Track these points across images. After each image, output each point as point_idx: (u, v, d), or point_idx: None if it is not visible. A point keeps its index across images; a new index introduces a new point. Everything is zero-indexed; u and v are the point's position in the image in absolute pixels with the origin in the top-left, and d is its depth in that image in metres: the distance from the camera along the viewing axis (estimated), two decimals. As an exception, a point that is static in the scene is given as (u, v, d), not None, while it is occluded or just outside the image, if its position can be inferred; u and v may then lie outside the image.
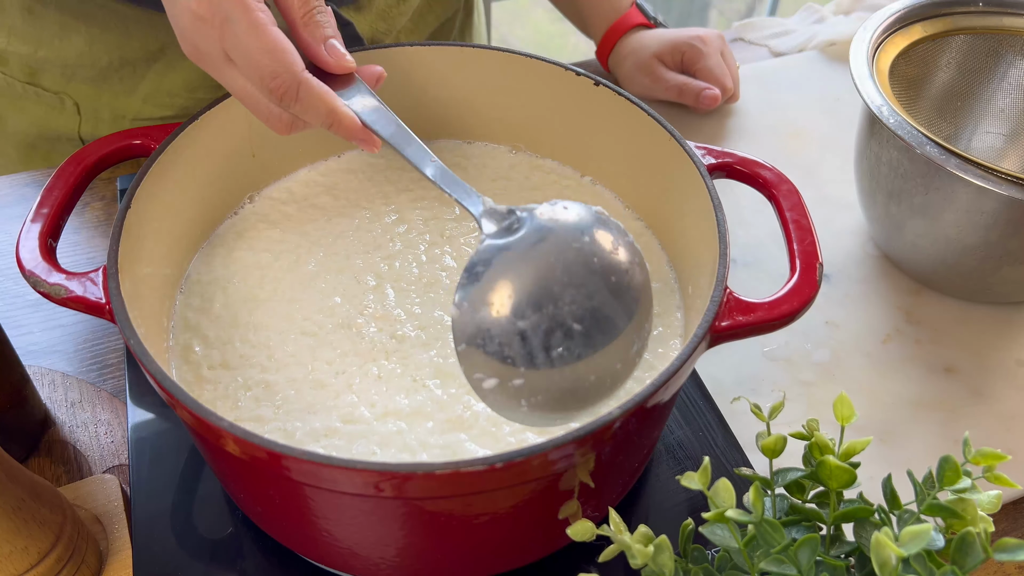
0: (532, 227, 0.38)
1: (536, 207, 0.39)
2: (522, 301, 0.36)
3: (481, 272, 0.37)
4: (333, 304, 0.48)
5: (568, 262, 0.37)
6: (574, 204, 0.40)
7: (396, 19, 0.72)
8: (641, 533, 0.34)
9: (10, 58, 0.66)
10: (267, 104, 0.41)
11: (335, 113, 0.40)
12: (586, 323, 0.37)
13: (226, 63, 0.41)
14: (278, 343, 0.46)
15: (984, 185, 0.50)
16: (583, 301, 0.37)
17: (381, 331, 0.47)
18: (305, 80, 0.39)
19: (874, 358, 0.58)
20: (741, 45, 0.89)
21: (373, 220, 0.53)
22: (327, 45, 0.42)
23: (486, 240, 0.38)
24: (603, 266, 0.38)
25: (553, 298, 0.37)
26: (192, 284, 0.49)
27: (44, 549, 0.39)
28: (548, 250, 0.37)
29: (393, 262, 0.50)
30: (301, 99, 0.40)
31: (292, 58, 0.39)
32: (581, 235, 0.38)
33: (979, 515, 0.33)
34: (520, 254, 0.37)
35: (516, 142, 0.58)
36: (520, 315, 0.36)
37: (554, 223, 0.38)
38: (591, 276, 0.37)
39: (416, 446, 0.41)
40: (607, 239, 0.38)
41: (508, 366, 0.37)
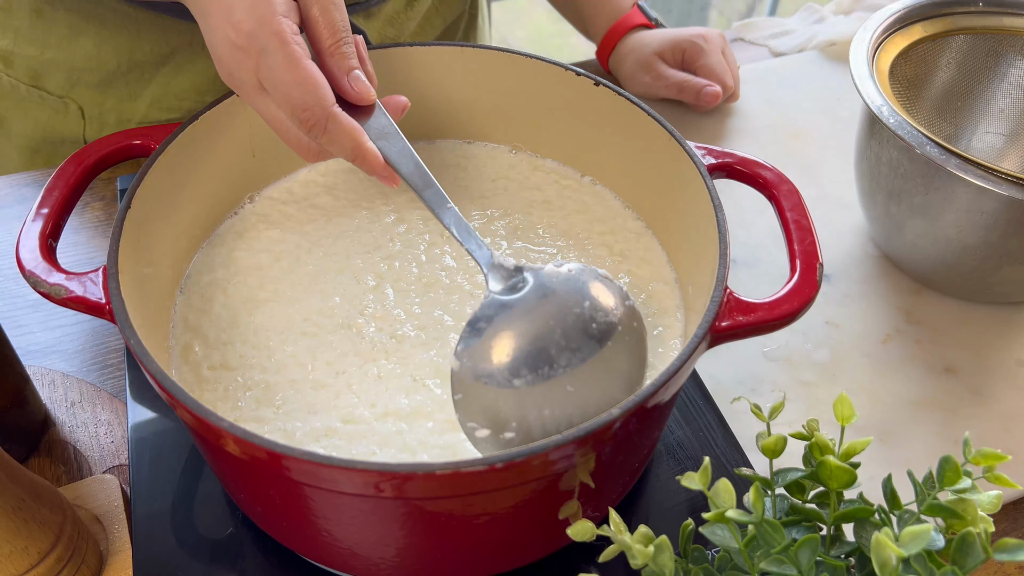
0: (536, 288, 0.41)
1: (542, 268, 0.42)
2: (519, 360, 0.39)
3: (483, 328, 0.39)
4: (333, 304, 0.48)
5: (567, 327, 0.39)
6: (579, 267, 0.42)
7: (404, 24, 0.72)
8: (641, 533, 0.34)
9: (15, 60, 0.66)
10: (297, 133, 0.43)
11: (360, 149, 0.41)
12: (579, 386, 0.39)
13: (259, 92, 0.42)
14: (278, 344, 0.46)
15: (984, 185, 0.50)
16: (578, 364, 0.39)
17: (381, 331, 0.47)
18: (335, 115, 0.41)
19: (874, 358, 0.58)
20: (741, 45, 0.89)
21: (373, 220, 0.53)
22: (351, 76, 0.43)
23: (491, 296, 0.41)
24: (600, 332, 0.40)
25: (550, 360, 0.39)
26: (192, 284, 0.48)
27: (44, 549, 0.39)
28: (549, 313, 0.40)
29: (393, 262, 0.50)
30: (330, 132, 0.41)
31: (324, 92, 0.40)
32: (582, 300, 0.40)
33: (979, 515, 0.33)
34: (521, 314, 0.40)
35: (516, 142, 0.58)
36: (516, 374, 0.38)
37: (557, 285, 0.41)
38: (588, 341, 0.40)
39: (416, 446, 0.42)
40: (607, 305, 0.41)
41: (500, 420, 0.39)
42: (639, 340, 0.41)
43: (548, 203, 0.55)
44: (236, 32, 0.40)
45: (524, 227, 0.53)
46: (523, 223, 0.53)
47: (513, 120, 0.57)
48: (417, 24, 0.75)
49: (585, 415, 0.39)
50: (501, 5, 2.48)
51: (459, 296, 0.49)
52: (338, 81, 0.42)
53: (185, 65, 0.66)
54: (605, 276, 0.42)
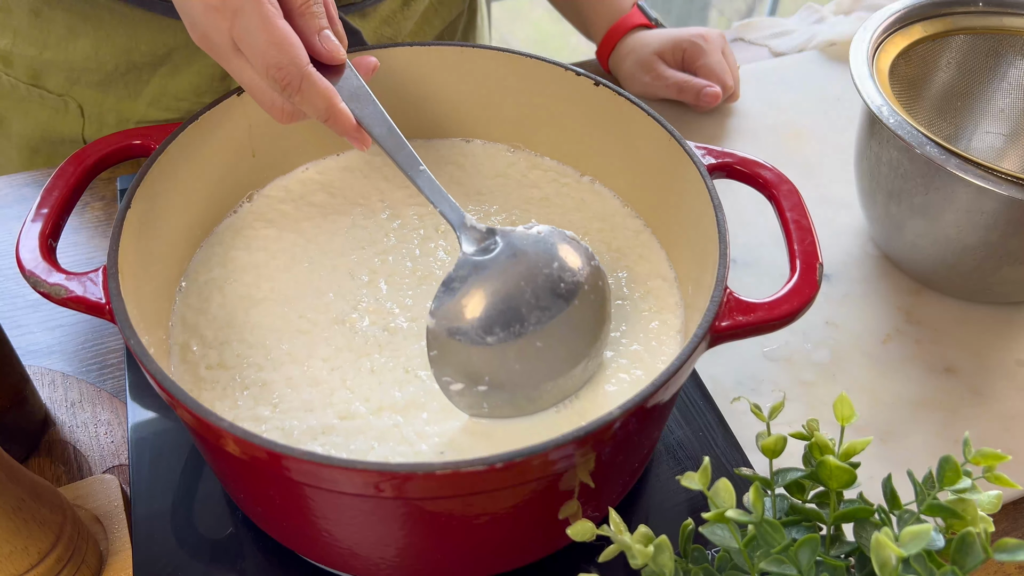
0: (507, 249, 0.42)
1: (513, 230, 0.43)
2: (491, 318, 0.40)
3: (456, 288, 0.41)
4: (327, 301, 0.48)
5: (537, 286, 0.41)
6: (548, 229, 0.43)
7: (401, 24, 0.72)
8: (641, 533, 0.34)
9: (15, 60, 0.66)
10: (271, 94, 0.43)
11: (333, 109, 0.42)
12: (547, 341, 0.41)
13: (234, 53, 0.42)
14: (274, 342, 0.46)
15: (984, 185, 0.50)
16: (547, 322, 0.41)
17: (374, 324, 0.47)
18: (308, 74, 0.41)
19: (874, 358, 0.58)
20: (741, 45, 0.89)
21: (368, 216, 0.53)
22: (321, 36, 0.43)
23: (464, 256, 0.42)
24: (568, 291, 0.42)
25: (520, 318, 0.41)
26: (190, 284, 0.49)
27: (44, 549, 0.39)
28: (520, 273, 0.42)
29: (387, 257, 0.51)
30: (303, 91, 0.41)
31: (298, 51, 0.41)
32: (551, 260, 0.42)
33: (979, 515, 0.33)
34: (494, 274, 0.41)
35: (516, 141, 0.58)
36: (488, 331, 0.40)
37: (528, 247, 0.42)
38: (556, 299, 0.42)
39: (414, 438, 0.42)
40: (575, 266, 0.43)
41: (474, 375, 0.41)
42: (603, 298, 0.44)
43: (546, 200, 0.55)
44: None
45: (521, 223, 0.53)
46: (520, 219, 0.53)
47: (513, 120, 0.57)
48: (415, 23, 0.74)
49: (552, 369, 0.42)
50: (501, 5, 2.48)
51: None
52: (309, 40, 0.43)
53: (182, 66, 0.66)
54: (572, 238, 0.44)
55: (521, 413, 0.43)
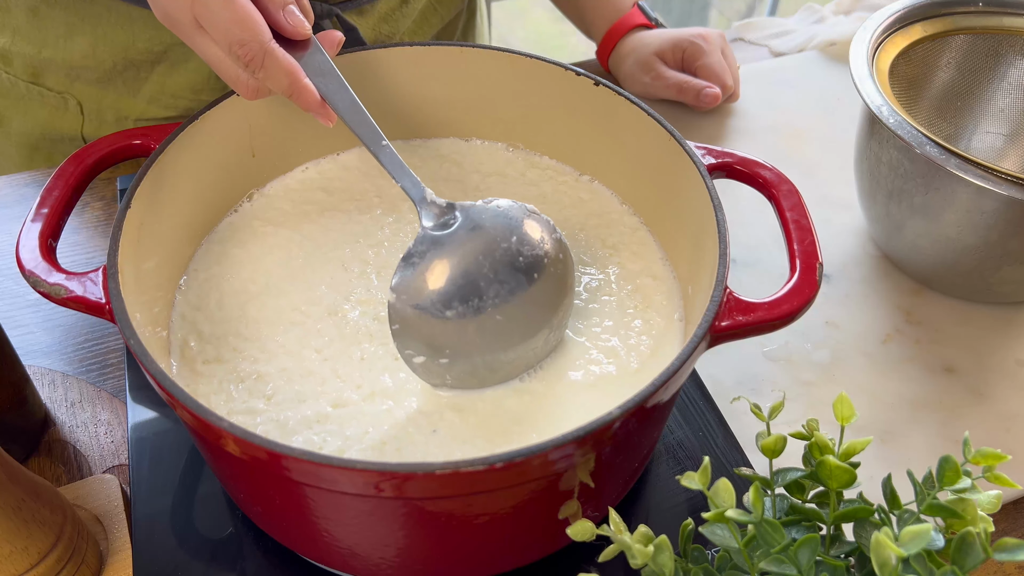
0: (466, 224, 0.43)
1: (473, 204, 0.43)
2: (450, 292, 0.41)
3: (416, 263, 0.41)
4: (320, 293, 0.48)
5: (495, 260, 0.42)
6: (508, 203, 0.44)
7: (399, 22, 0.72)
8: (641, 533, 0.34)
9: (14, 58, 0.66)
10: (235, 70, 0.43)
11: (296, 84, 0.43)
12: (507, 314, 0.42)
13: (197, 30, 0.42)
14: (269, 334, 0.46)
15: (984, 185, 0.50)
16: (506, 296, 0.42)
17: (364, 315, 0.47)
18: (271, 50, 0.42)
19: (874, 358, 0.58)
20: (741, 45, 0.89)
21: (363, 212, 0.53)
22: (286, 11, 0.43)
23: (423, 231, 0.42)
24: (527, 264, 0.42)
25: (479, 292, 0.41)
26: (189, 282, 0.49)
27: (44, 549, 0.39)
28: (478, 247, 0.42)
29: (379, 249, 0.51)
30: (267, 67, 0.42)
31: (260, 27, 0.41)
32: (510, 234, 0.42)
33: (979, 515, 0.33)
34: (452, 249, 0.42)
35: (515, 141, 0.58)
36: (447, 305, 0.41)
37: (487, 221, 0.43)
38: (515, 273, 0.42)
39: (405, 420, 0.42)
40: (534, 239, 0.43)
41: (435, 347, 0.41)
42: (565, 270, 0.44)
43: (543, 197, 0.55)
44: None
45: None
46: None
47: (513, 120, 0.57)
48: (413, 22, 0.74)
49: (513, 341, 0.42)
50: (501, 5, 2.48)
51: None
52: (273, 16, 0.43)
53: (180, 63, 0.66)
54: (533, 211, 0.44)
55: (484, 384, 0.44)
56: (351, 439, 0.41)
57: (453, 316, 0.41)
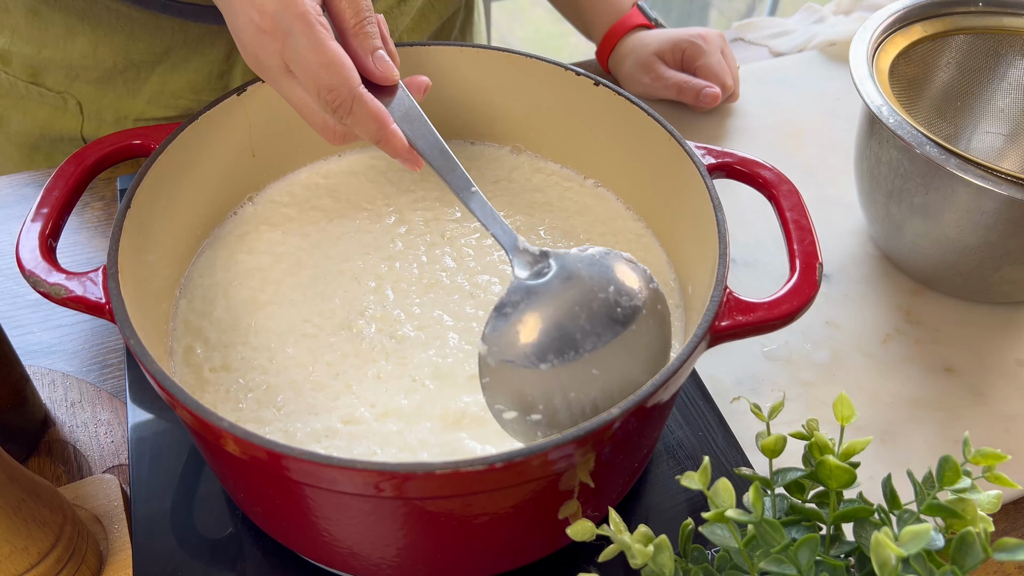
0: (561, 273, 0.41)
1: (567, 253, 0.42)
2: (545, 345, 0.39)
3: (509, 313, 0.40)
4: (333, 306, 0.48)
5: (592, 312, 0.40)
6: (602, 251, 0.42)
7: (398, 19, 0.72)
8: (641, 533, 0.34)
9: (13, 58, 0.66)
10: (323, 115, 0.43)
11: (384, 131, 0.42)
12: (604, 369, 0.39)
13: (286, 75, 0.42)
14: (279, 345, 0.46)
15: (984, 185, 0.50)
16: (603, 348, 0.39)
17: (380, 332, 0.47)
18: (360, 95, 0.41)
19: (874, 358, 0.58)
20: (741, 45, 0.89)
21: (373, 221, 0.53)
22: (375, 56, 0.43)
23: (517, 281, 0.41)
24: (625, 316, 0.40)
25: (575, 345, 0.39)
26: (194, 287, 0.48)
27: (44, 549, 0.39)
28: (574, 298, 0.40)
29: (393, 263, 0.50)
30: (355, 113, 0.41)
31: (349, 73, 0.41)
32: (607, 285, 0.40)
33: (979, 515, 0.33)
34: (547, 300, 0.40)
35: (516, 142, 0.58)
36: (542, 358, 0.39)
37: (582, 270, 0.41)
38: (612, 325, 0.40)
39: (416, 445, 0.42)
40: (632, 289, 0.41)
41: (527, 403, 0.39)
42: (663, 322, 0.42)
43: (549, 205, 0.55)
44: (260, 15, 0.40)
45: (526, 228, 0.53)
46: (525, 224, 0.53)
47: (513, 120, 0.57)
48: (412, 20, 0.74)
49: (610, 397, 0.39)
50: (501, 5, 2.48)
51: (459, 296, 0.49)
52: (362, 61, 0.42)
53: (180, 64, 0.66)
54: (629, 259, 0.42)
55: None
56: (358, 457, 0.41)
57: (547, 368, 0.39)
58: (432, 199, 0.55)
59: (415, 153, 0.43)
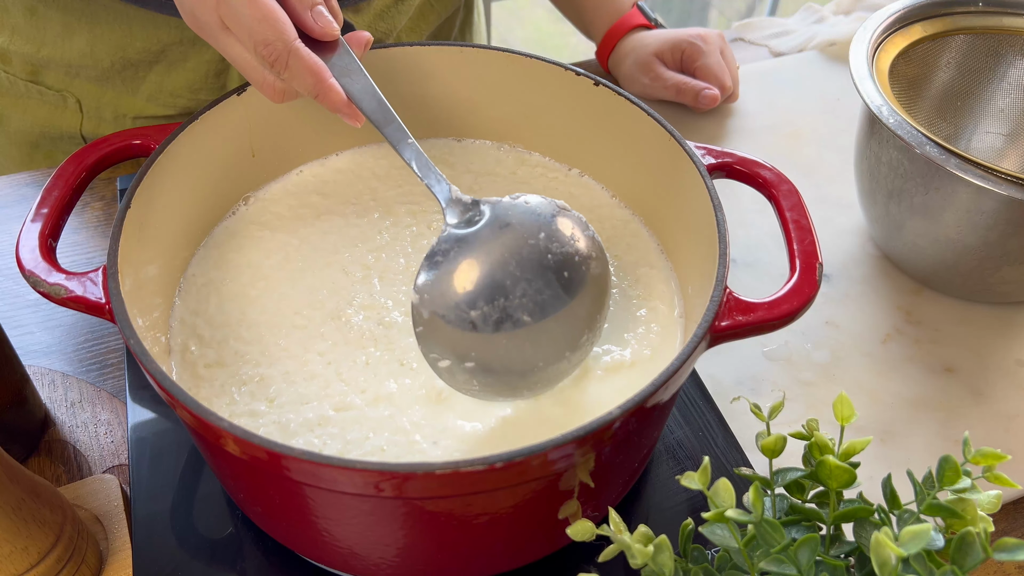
0: (491, 220, 0.41)
1: (499, 200, 0.41)
2: (475, 292, 0.39)
3: (439, 262, 0.40)
4: (322, 297, 0.48)
5: (522, 257, 0.39)
6: (536, 198, 0.41)
7: (396, 19, 0.72)
8: (641, 533, 0.34)
9: (13, 57, 0.66)
10: (261, 72, 0.43)
11: (321, 85, 0.42)
12: (536, 316, 0.39)
13: (223, 31, 0.42)
14: (271, 338, 0.46)
15: (984, 185, 0.50)
16: (534, 295, 0.39)
17: (368, 319, 0.47)
18: (296, 49, 0.41)
19: (874, 358, 0.58)
20: (741, 45, 0.89)
21: (360, 216, 0.53)
22: (314, 11, 0.43)
23: (447, 230, 0.41)
24: (557, 262, 0.40)
25: (505, 291, 0.39)
26: (188, 287, 0.49)
27: (44, 549, 0.39)
28: (504, 244, 0.40)
29: (380, 254, 0.51)
30: (292, 67, 0.41)
31: (285, 27, 0.41)
32: (538, 231, 0.40)
33: (979, 515, 0.33)
34: (477, 247, 0.40)
35: (515, 142, 0.58)
36: (472, 305, 0.39)
37: (513, 217, 0.40)
38: (544, 271, 0.40)
39: (409, 427, 0.42)
40: (564, 235, 0.40)
41: (460, 351, 0.39)
42: (600, 271, 0.41)
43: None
44: None
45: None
46: None
47: (513, 120, 0.57)
48: (410, 19, 0.74)
49: (543, 346, 0.40)
50: (501, 5, 2.48)
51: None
52: (300, 16, 0.43)
53: (177, 63, 0.66)
54: (563, 206, 0.42)
55: (516, 394, 0.42)
56: (352, 443, 0.41)
57: (478, 317, 0.39)
58: (418, 193, 0.55)
59: (354, 107, 0.43)
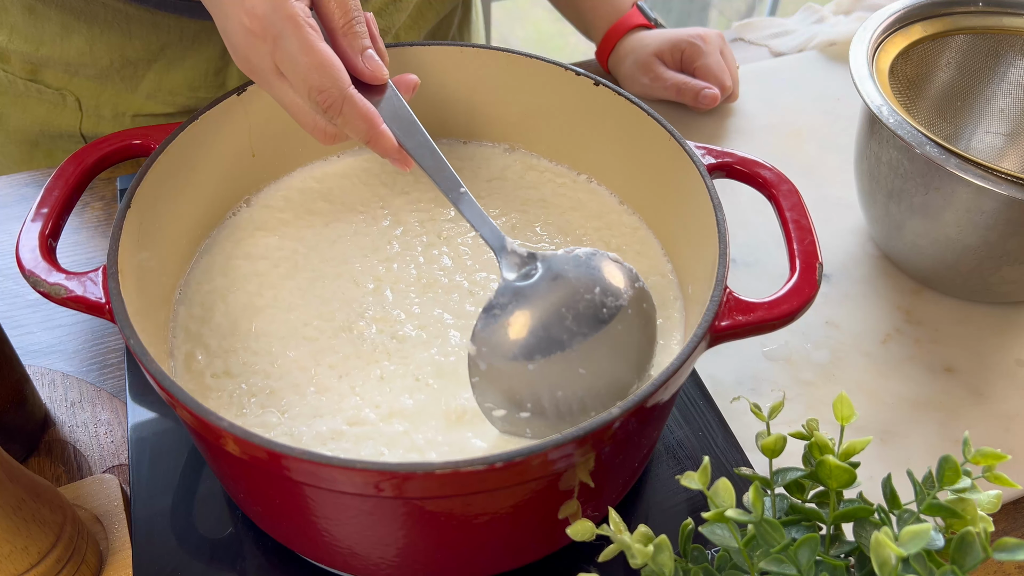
0: (548, 275, 0.42)
1: (554, 254, 0.43)
2: (532, 345, 0.40)
3: (498, 315, 0.41)
4: (332, 308, 0.48)
5: (578, 312, 0.41)
6: (589, 251, 0.43)
7: (394, 16, 0.72)
8: (641, 533, 0.34)
9: (12, 56, 0.66)
10: (313, 116, 0.43)
11: (374, 131, 0.42)
12: (589, 367, 0.40)
13: (277, 77, 0.42)
14: (280, 349, 0.46)
15: (984, 185, 0.50)
16: (588, 347, 0.40)
17: (381, 332, 0.47)
18: (350, 96, 0.41)
19: (874, 358, 0.58)
20: (741, 45, 0.89)
21: (369, 224, 0.53)
22: (364, 56, 0.43)
23: (505, 282, 0.42)
24: (611, 315, 0.41)
25: (561, 345, 0.40)
26: (192, 294, 0.48)
27: (44, 549, 0.39)
28: (560, 299, 0.41)
29: (391, 264, 0.50)
30: (345, 114, 0.42)
31: (339, 74, 0.41)
32: (593, 286, 0.42)
33: (979, 515, 0.33)
34: (534, 301, 0.41)
35: (515, 142, 0.58)
36: (529, 357, 0.40)
37: (569, 271, 0.42)
38: (599, 325, 0.41)
39: (424, 444, 0.42)
40: (617, 289, 0.42)
41: (516, 400, 0.40)
42: (648, 321, 0.43)
43: (544, 201, 0.55)
44: (250, 18, 0.41)
45: (521, 225, 0.53)
46: (520, 222, 0.53)
47: (513, 120, 0.57)
48: (409, 17, 0.74)
49: (597, 394, 0.41)
50: (501, 5, 2.48)
51: (458, 295, 0.49)
52: (351, 61, 0.43)
53: (176, 61, 0.66)
54: (615, 259, 0.43)
55: None
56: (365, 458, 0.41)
57: (534, 368, 0.40)
58: (427, 200, 0.55)
59: (404, 153, 0.43)
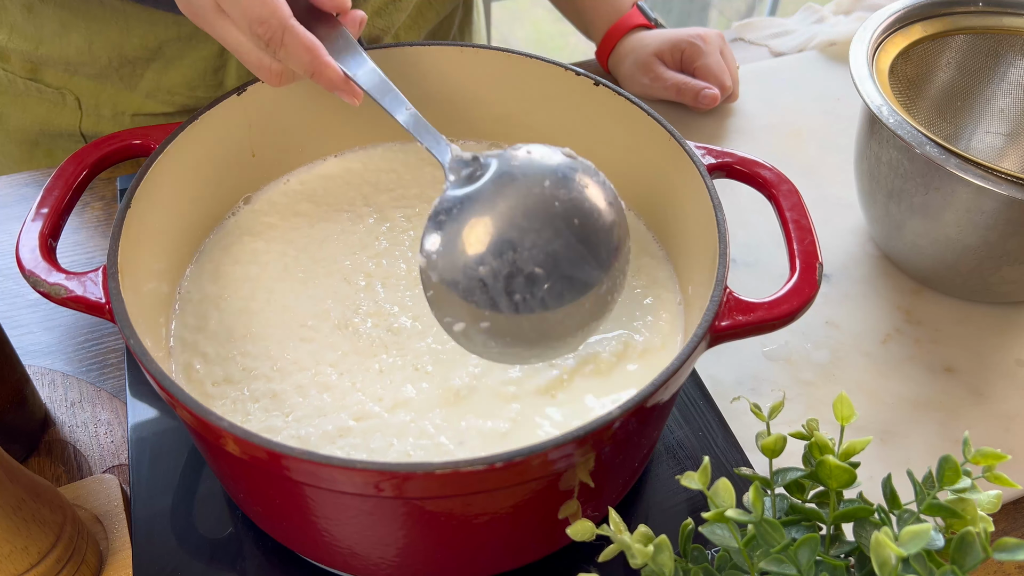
0: (494, 175, 0.39)
1: (501, 152, 0.40)
2: (481, 248, 0.38)
3: (443, 221, 0.38)
4: (327, 307, 0.48)
5: (528, 208, 0.38)
6: (540, 147, 0.40)
7: (393, 16, 0.72)
8: (641, 533, 0.34)
9: (11, 55, 0.66)
10: (258, 54, 0.43)
11: (317, 61, 0.42)
12: (548, 267, 0.38)
13: (218, 15, 0.42)
14: (279, 352, 0.46)
15: (984, 185, 0.50)
16: (543, 245, 0.38)
17: (377, 326, 0.47)
18: (291, 27, 0.41)
19: (874, 358, 0.58)
20: (741, 45, 0.89)
21: (356, 222, 0.53)
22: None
23: (449, 188, 0.40)
24: (565, 209, 0.38)
25: (512, 244, 0.37)
26: (185, 303, 0.48)
27: (44, 549, 0.39)
28: (508, 197, 0.38)
29: (380, 260, 0.51)
30: (287, 45, 0.41)
31: (279, 5, 0.41)
32: (542, 180, 0.39)
33: (979, 515, 0.33)
34: (480, 202, 0.38)
35: (515, 142, 0.58)
36: (480, 262, 0.37)
37: (516, 169, 0.39)
38: (552, 220, 0.38)
39: (432, 430, 0.42)
40: (571, 181, 0.39)
41: (474, 310, 0.38)
42: (613, 213, 0.40)
43: None
44: None
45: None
46: None
47: (513, 120, 0.57)
48: (409, 16, 0.74)
49: (558, 295, 0.38)
50: (501, 5, 2.48)
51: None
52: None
53: (174, 59, 0.66)
54: (568, 153, 0.40)
55: (539, 348, 0.40)
56: (377, 451, 0.41)
57: (487, 273, 0.37)
58: (412, 196, 0.55)
59: (351, 83, 0.43)
